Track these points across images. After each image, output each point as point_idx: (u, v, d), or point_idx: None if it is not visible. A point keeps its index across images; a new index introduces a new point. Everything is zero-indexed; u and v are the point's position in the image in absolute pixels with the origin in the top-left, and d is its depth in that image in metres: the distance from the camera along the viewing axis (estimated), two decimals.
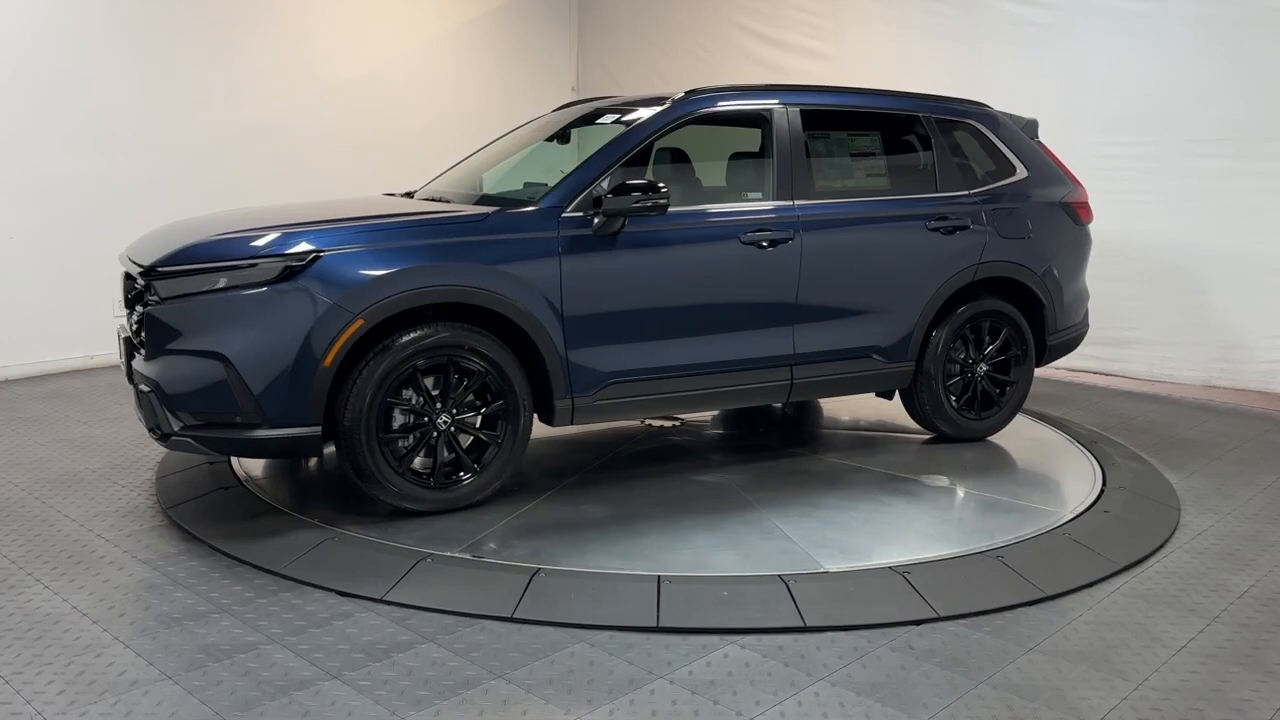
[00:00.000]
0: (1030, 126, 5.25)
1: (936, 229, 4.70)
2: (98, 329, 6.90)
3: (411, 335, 3.73)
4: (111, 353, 6.94)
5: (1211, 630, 3.14)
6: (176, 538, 3.77)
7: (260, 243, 3.66)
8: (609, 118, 4.68)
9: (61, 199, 6.70)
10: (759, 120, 4.56)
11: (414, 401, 3.82)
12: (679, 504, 4.09)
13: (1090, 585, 3.43)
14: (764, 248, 4.30)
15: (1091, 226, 5.33)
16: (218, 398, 3.57)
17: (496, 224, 3.95)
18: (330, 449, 3.92)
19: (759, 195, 4.56)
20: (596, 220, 3.98)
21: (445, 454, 3.90)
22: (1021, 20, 6.93)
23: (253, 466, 4.48)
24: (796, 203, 4.42)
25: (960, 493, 4.31)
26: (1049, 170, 5.15)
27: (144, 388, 3.70)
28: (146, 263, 3.71)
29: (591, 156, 4.20)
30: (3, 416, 5.57)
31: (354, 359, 3.69)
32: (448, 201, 4.53)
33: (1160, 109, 6.35)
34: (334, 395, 3.69)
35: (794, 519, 3.91)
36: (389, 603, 3.21)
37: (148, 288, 3.69)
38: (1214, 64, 6.16)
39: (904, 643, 3.01)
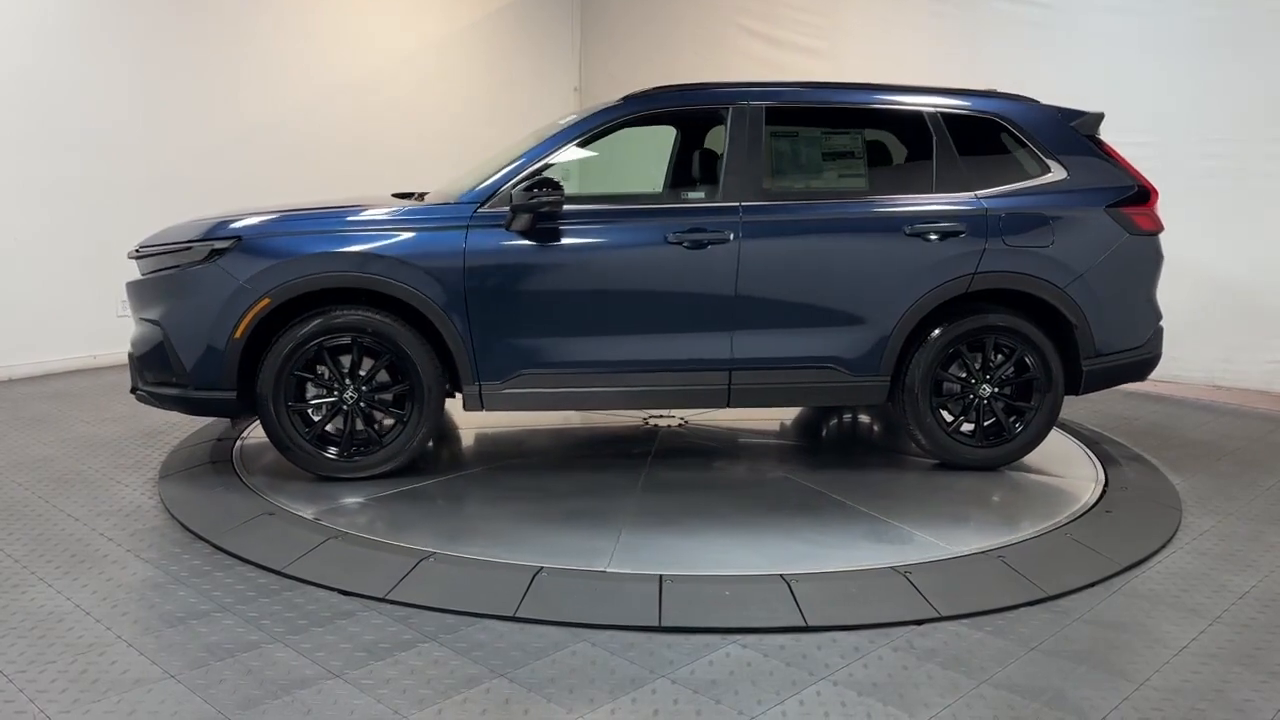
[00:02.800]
0: (1087, 122, 4.63)
1: (919, 234, 4.28)
2: (101, 329, 6.93)
3: (314, 315, 4.11)
4: (114, 352, 6.98)
5: (1213, 631, 3.14)
6: (179, 537, 3.78)
7: (201, 229, 4.19)
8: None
9: (65, 199, 6.71)
10: (713, 120, 4.48)
11: (324, 376, 4.20)
12: (549, 498, 4.14)
13: (1092, 585, 3.43)
14: (695, 248, 4.18)
15: None
16: (160, 360, 4.18)
17: (408, 217, 4.20)
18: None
19: (701, 195, 4.53)
20: (508, 216, 4.12)
21: (359, 427, 4.25)
22: (1021, 20, 6.93)
23: (255, 467, 4.49)
24: (743, 204, 4.25)
25: (868, 516, 3.95)
26: (1097, 172, 4.52)
27: (127, 350, 4.39)
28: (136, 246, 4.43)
29: (519, 155, 4.31)
30: (6, 416, 5.59)
31: (270, 334, 4.12)
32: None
33: (1162, 109, 6.35)
34: (255, 366, 4.13)
35: (648, 522, 3.84)
36: (391, 601, 3.22)
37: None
38: (1216, 64, 6.16)
39: (905, 642, 3.01)
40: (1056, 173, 4.48)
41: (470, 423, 5.32)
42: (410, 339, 4.15)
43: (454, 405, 4.44)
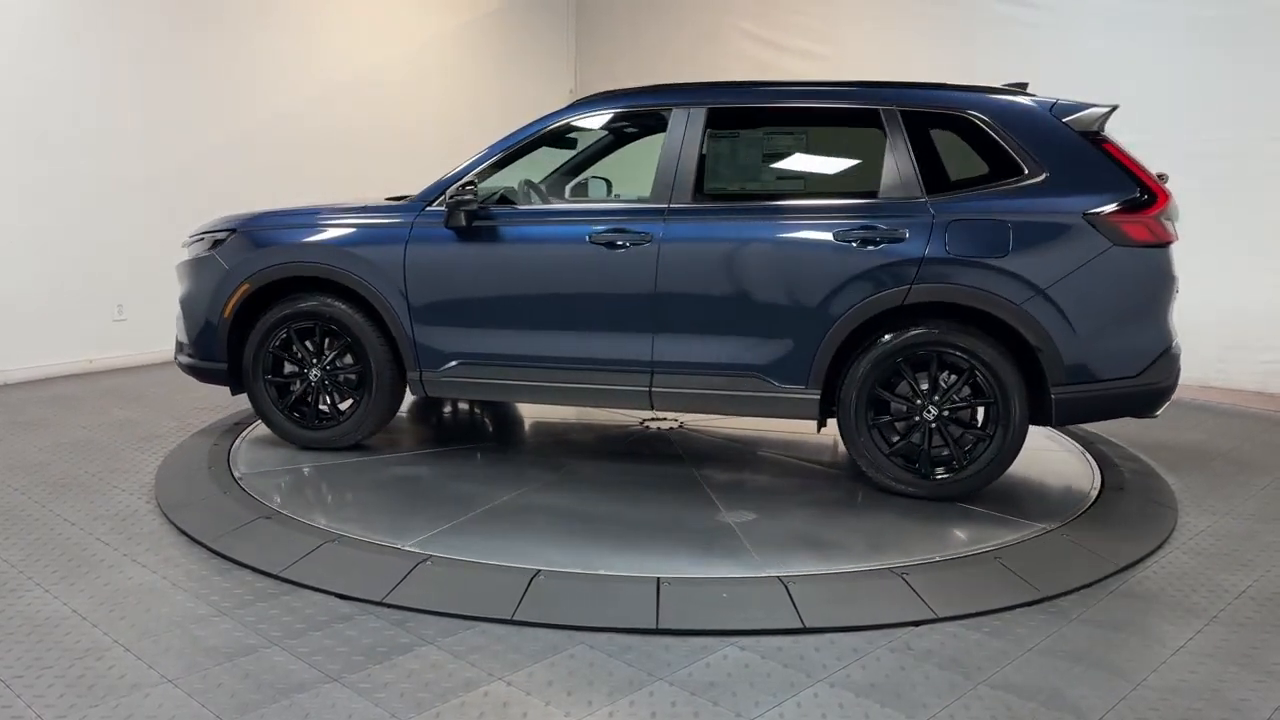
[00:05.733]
0: (1086, 119, 4.04)
1: (850, 241, 3.99)
2: (98, 333, 6.92)
3: (283, 302, 4.64)
4: (110, 356, 6.97)
5: (1209, 630, 3.14)
6: (176, 541, 3.77)
7: (213, 223, 4.87)
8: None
9: (62, 202, 6.70)
10: (655, 122, 4.51)
11: (297, 355, 4.68)
12: (441, 481, 4.36)
13: (1088, 585, 3.44)
14: (614, 248, 4.20)
15: None
16: (182, 332, 4.90)
17: (368, 214, 4.63)
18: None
19: (633, 197, 4.61)
20: (445, 213, 4.38)
21: (322, 402, 4.77)
22: (1016, 20, 6.95)
23: (252, 467, 4.49)
24: (670, 205, 4.20)
25: (732, 529, 3.80)
26: (1085, 174, 3.95)
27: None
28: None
29: (470, 158, 4.52)
30: (3, 420, 5.57)
31: (257, 315, 4.69)
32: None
33: (1156, 109, 6.36)
34: (244, 343, 4.72)
35: (500, 514, 3.91)
36: (388, 605, 3.21)
37: None
38: (1211, 64, 6.18)
39: (903, 643, 3.02)
40: (1033, 174, 3.96)
41: (491, 408, 5.72)
42: (364, 326, 4.54)
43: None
